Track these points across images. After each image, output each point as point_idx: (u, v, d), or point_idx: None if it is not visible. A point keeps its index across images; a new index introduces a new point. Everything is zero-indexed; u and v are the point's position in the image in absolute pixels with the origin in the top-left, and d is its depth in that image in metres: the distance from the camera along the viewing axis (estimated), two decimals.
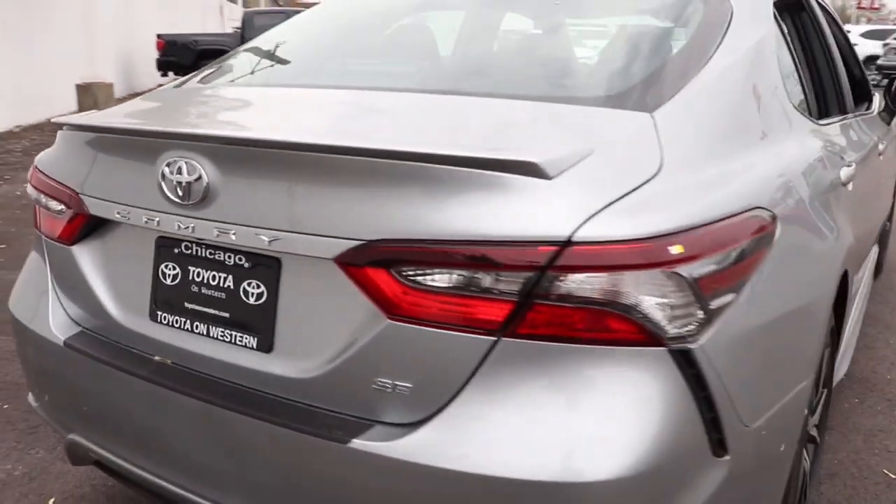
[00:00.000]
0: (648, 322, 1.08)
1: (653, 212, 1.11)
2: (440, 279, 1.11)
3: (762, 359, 1.28)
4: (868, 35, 20.10)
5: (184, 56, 12.63)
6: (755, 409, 1.25)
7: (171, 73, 12.69)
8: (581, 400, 1.08)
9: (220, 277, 1.34)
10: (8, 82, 8.65)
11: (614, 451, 1.07)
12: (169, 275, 1.41)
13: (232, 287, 1.33)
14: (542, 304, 1.08)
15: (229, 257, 1.33)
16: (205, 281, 1.36)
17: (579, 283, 1.07)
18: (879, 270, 4.17)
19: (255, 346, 1.31)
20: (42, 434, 2.38)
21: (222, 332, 1.34)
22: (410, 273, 1.12)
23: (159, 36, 12.98)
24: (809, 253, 1.53)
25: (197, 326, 1.37)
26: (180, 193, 1.30)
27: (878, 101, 3.32)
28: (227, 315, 1.34)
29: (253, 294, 1.31)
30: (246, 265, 1.31)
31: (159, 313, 1.43)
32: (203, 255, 1.36)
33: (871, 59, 15.83)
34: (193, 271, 1.38)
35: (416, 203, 1.12)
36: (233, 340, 1.33)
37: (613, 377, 1.09)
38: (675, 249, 1.08)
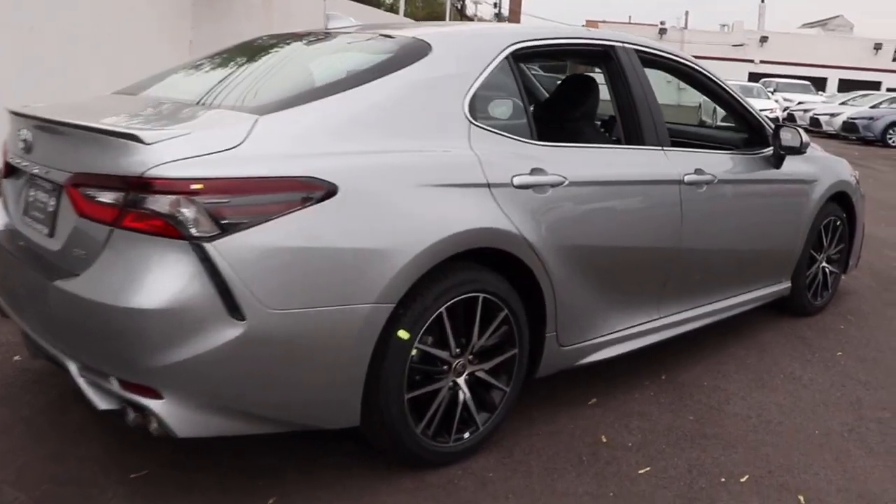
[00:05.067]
0: (179, 225, 1.92)
1: (201, 166, 1.94)
2: (96, 194, 2.03)
3: (292, 270, 2.02)
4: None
5: None
6: (280, 301, 1.99)
7: None
8: (146, 263, 1.94)
9: (40, 195, 2.35)
10: None
11: (151, 292, 1.92)
12: (30, 194, 2.46)
13: (43, 201, 2.33)
14: (130, 210, 1.95)
15: (42, 183, 2.34)
16: (37, 197, 2.39)
17: (145, 199, 1.93)
18: (799, 306, 4.31)
19: (47, 233, 2.30)
20: None
21: (39, 225, 2.35)
22: (85, 190, 2.06)
23: None
24: (374, 220, 2.14)
25: (33, 223, 2.40)
26: (22, 146, 2.35)
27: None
28: (42, 216, 2.34)
29: (49, 205, 2.30)
30: (48, 187, 2.31)
31: (24, 216, 2.48)
32: (37, 182, 2.39)
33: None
34: (35, 192, 2.41)
35: (90, 152, 2.05)
36: (40, 230, 2.34)
37: (164, 254, 1.93)
38: (196, 186, 1.91)
